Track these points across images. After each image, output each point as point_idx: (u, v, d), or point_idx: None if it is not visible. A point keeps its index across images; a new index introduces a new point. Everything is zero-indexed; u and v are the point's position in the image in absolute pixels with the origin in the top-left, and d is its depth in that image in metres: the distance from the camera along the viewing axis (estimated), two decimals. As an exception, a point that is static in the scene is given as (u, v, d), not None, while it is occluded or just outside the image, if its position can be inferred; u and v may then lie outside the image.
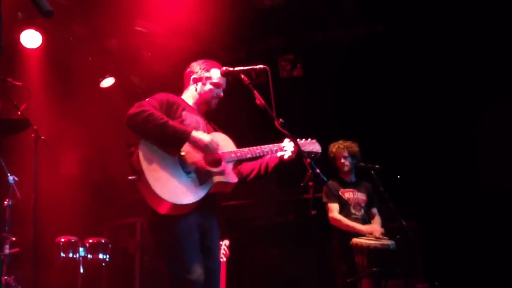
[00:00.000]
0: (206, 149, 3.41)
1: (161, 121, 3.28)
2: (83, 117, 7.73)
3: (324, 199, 5.85)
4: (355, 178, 6.06)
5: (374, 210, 5.99)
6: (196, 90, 3.75)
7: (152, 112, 3.29)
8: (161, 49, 7.46)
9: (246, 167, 3.80)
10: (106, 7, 6.84)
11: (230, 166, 3.60)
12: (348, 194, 5.88)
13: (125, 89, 7.98)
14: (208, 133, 3.63)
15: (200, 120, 3.68)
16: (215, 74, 3.75)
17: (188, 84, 3.80)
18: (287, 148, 3.68)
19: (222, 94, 3.79)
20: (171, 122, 3.32)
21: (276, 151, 3.72)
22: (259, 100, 3.39)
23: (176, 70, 3.78)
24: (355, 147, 5.99)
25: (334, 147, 6.03)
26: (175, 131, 3.30)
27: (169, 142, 3.33)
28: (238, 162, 3.73)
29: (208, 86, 3.73)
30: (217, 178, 3.48)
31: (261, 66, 3.49)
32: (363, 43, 7.52)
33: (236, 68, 3.54)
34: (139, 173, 3.23)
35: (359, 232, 5.59)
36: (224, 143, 3.66)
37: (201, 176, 3.41)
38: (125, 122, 3.35)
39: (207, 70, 3.75)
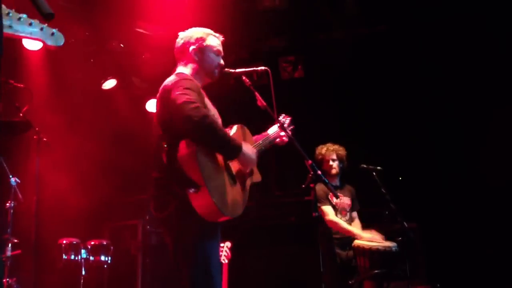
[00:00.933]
0: (252, 164, 3.29)
1: (221, 131, 3.09)
2: (85, 119, 7.74)
3: (323, 203, 5.80)
4: (339, 182, 6.06)
5: (354, 214, 6.00)
6: (198, 63, 3.44)
7: (213, 119, 3.06)
8: (162, 50, 7.46)
9: None
10: (106, 9, 6.85)
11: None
12: (335, 199, 5.87)
13: (127, 91, 8.00)
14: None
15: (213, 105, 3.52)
16: (214, 41, 3.49)
17: (186, 58, 3.47)
18: (282, 133, 3.67)
19: (222, 62, 3.51)
20: (227, 134, 3.17)
21: (276, 137, 3.71)
22: (260, 101, 3.38)
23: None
24: (343, 151, 5.99)
25: (322, 149, 6.01)
26: (232, 145, 3.13)
27: (225, 152, 3.16)
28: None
29: (211, 56, 3.45)
30: (250, 180, 3.42)
31: (263, 67, 3.48)
32: (364, 44, 7.52)
33: (238, 70, 3.51)
34: (197, 184, 2.98)
35: (358, 237, 5.59)
36: (246, 136, 3.56)
37: (241, 182, 3.32)
38: (184, 123, 3.01)
39: (204, 39, 3.47)
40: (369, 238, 5.54)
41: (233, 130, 3.46)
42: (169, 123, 3.14)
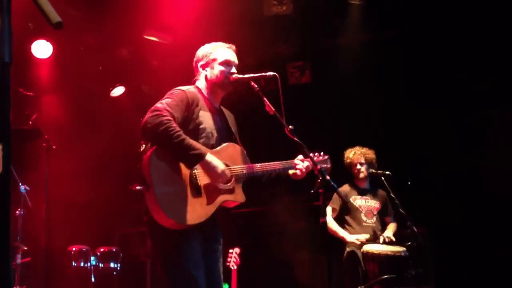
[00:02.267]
0: (215, 177, 3.24)
1: (177, 139, 3.07)
2: (94, 126, 7.77)
3: (329, 204, 5.91)
4: (369, 186, 6.07)
5: (388, 219, 6.00)
6: (206, 77, 3.54)
7: (169, 126, 3.08)
8: (170, 58, 7.50)
9: None
10: (115, 17, 6.90)
11: (240, 183, 3.46)
12: (360, 201, 5.89)
13: (135, 98, 8.03)
14: (222, 136, 3.50)
15: (217, 120, 3.51)
16: (221, 53, 3.55)
17: (198, 74, 3.60)
18: (299, 166, 3.57)
19: (235, 71, 3.53)
20: (186, 141, 3.11)
21: (288, 169, 3.62)
22: (268, 107, 3.37)
23: (186, 78, 3.74)
24: (371, 154, 5.99)
25: (350, 153, 6.03)
26: (189, 153, 3.12)
27: (182, 160, 3.18)
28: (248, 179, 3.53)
29: (218, 68, 3.50)
30: (225, 197, 3.35)
31: (271, 73, 3.46)
32: (372, 49, 7.52)
33: (246, 75, 3.51)
34: (148, 184, 3.09)
35: (342, 239, 5.70)
36: (236, 155, 3.50)
37: (209, 195, 3.27)
38: (141, 130, 3.15)
39: (211, 52, 3.55)
40: (352, 240, 5.58)
41: (220, 146, 3.44)
42: None
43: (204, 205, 3.24)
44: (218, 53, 3.55)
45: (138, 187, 3.14)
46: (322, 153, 3.82)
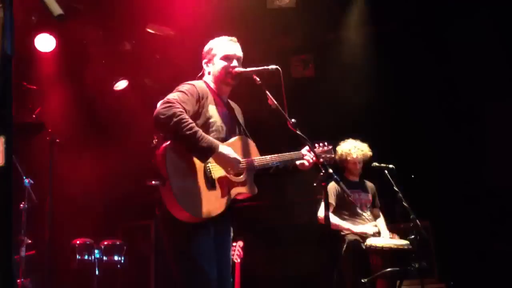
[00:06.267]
0: (229, 164, 3.28)
1: (190, 131, 3.10)
2: (97, 120, 7.78)
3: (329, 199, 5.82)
4: (358, 179, 6.05)
5: (377, 211, 5.99)
6: (210, 73, 3.59)
7: (182, 117, 3.10)
8: (173, 51, 7.49)
9: None
10: (119, 10, 6.89)
11: (251, 175, 3.52)
12: (354, 195, 5.87)
13: (138, 91, 8.03)
14: (230, 129, 3.54)
15: (226, 113, 3.55)
16: (221, 47, 3.56)
17: (203, 70, 3.64)
18: (306, 157, 3.63)
19: (236, 64, 3.54)
20: (199, 133, 3.13)
21: (296, 159, 3.67)
22: (271, 100, 3.37)
23: (189, 71, 3.75)
24: (368, 151, 5.96)
25: (350, 149, 5.96)
26: (202, 145, 3.13)
27: (195, 153, 3.19)
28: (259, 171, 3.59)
29: (218, 63, 3.53)
30: (238, 189, 3.41)
31: (273, 66, 3.45)
32: (375, 42, 7.50)
33: (248, 69, 3.51)
34: (164, 179, 3.11)
35: (349, 231, 5.60)
36: (247, 148, 3.54)
37: (223, 188, 3.32)
38: (153, 121, 3.15)
39: (212, 48, 3.59)
40: (362, 232, 5.54)
41: (231, 140, 3.48)
42: None
43: (219, 197, 3.29)
44: (219, 48, 3.57)
45: (154, 182, 3.14)
46: (326, 143, 3.86)
